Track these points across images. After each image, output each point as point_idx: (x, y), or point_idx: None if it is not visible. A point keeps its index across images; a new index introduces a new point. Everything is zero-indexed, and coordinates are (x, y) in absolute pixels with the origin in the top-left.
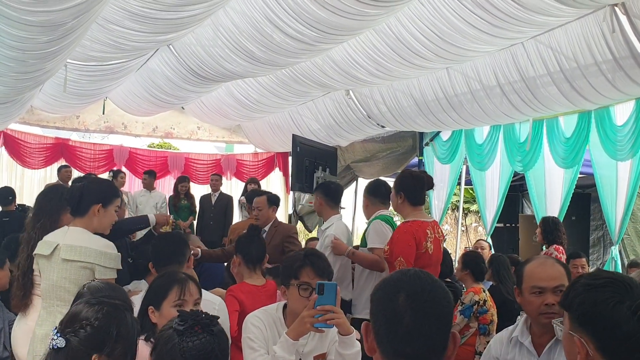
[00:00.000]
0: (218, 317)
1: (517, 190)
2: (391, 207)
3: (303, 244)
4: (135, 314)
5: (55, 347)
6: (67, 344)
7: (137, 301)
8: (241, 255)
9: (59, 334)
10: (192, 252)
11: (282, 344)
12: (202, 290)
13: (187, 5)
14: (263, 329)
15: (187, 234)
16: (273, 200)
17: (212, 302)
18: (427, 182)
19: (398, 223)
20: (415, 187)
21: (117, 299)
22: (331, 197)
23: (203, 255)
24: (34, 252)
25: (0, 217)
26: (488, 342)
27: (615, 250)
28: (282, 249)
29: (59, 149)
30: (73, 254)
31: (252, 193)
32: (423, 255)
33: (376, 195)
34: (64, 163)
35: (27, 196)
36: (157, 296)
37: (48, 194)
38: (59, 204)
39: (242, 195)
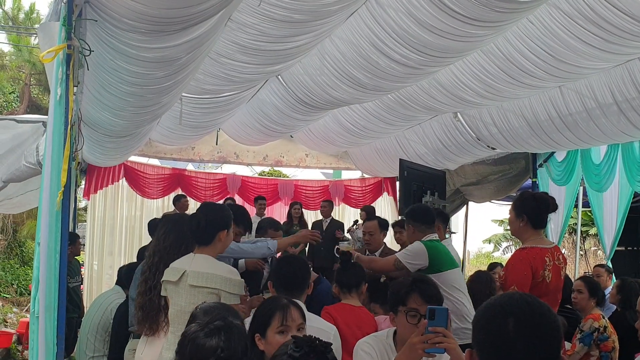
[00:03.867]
0: (331, 344)
1: (638, 212)
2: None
3: None
4: None
5: None
6: None
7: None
8: (336, 282)
9: None
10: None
11: None
12: (317, 317)
13: (294, 36)
14: (374, 355)
15: None
16: (384, 225)
17: (327, 332)
18: (552, 205)
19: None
20: (540, 209)
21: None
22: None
23: None
24: (162, 279)
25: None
26: None
27: None
28: None
29: (176, 179)
30: (200, 280)
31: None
32: (540, 285)
33: (422, 221)
34: (180, 192)
35: (145, 225)
36: (260, 323)
37: (186, 221)
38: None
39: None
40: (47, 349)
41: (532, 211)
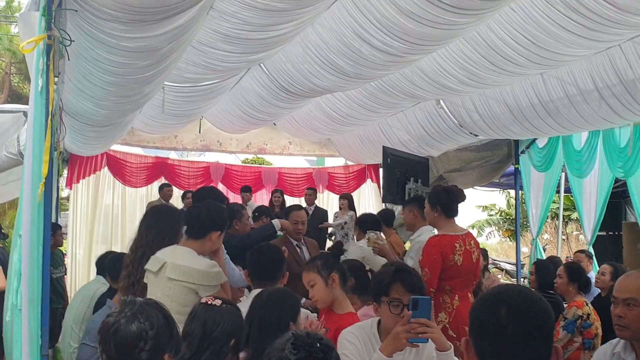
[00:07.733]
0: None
1: (619, 197)
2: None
3: None
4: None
5: None
6: None
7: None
8: None
9: None
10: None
11: None
12: None
13: (276, 24)
14: (358, 345)
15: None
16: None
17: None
18: (461, 196)
19: None
20: (451, 200)
21: None
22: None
23: None
24: (145, 267)
25: None
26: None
27: None
28: None
29: (159, 168)
30: (177, 274)
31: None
32: (451, 268)
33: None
34: (164, 181)
35: (129, 214)
36: None
37: (168, 213)
38: (179, 224)
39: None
40: (31, 341)
41: (444, 203)
